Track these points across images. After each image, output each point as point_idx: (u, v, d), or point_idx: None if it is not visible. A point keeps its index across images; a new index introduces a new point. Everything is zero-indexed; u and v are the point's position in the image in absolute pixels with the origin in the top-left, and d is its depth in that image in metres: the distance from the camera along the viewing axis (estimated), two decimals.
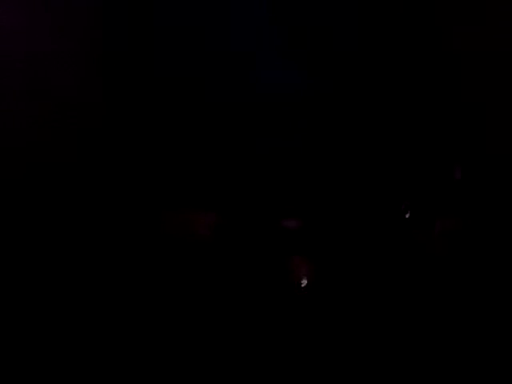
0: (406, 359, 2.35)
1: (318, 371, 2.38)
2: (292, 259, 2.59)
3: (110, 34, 2.76)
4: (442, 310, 2.42)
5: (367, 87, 2.68)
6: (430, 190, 2.59)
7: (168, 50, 2.76)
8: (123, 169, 2.76)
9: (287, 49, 2.70)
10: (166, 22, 2.76)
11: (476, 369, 2.27)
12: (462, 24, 2.64)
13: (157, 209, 2.71)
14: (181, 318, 2.53)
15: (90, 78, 2.76)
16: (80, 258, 2.62)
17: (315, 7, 2.68)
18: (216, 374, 2.41)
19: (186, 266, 2.61)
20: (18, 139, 2.69)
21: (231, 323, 2.49)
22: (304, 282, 2.54)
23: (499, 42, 2.59)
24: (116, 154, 2.76)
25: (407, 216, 2.56)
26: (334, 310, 2.48)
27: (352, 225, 2.62)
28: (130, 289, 2.59)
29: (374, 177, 2.65)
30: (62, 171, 2.73)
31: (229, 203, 2.71)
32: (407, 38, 2.67)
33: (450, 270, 2.46)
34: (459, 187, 2.55)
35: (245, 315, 2.51)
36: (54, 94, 2.72)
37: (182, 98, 2.78)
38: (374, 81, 2.68)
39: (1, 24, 2.63)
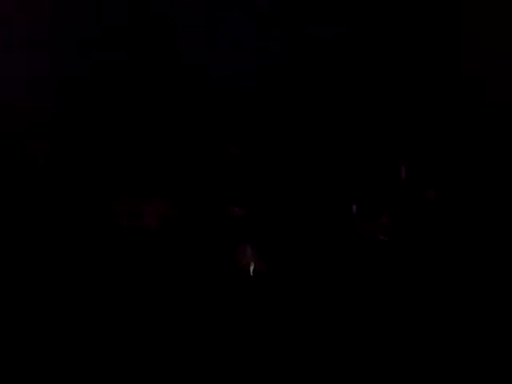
0: (344, 345, 2.43)
1: (263, 362, 2.44)
2: (239, 247, 2.64)
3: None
4: (385, 301, 2.51)
5: (313, 87, 2.76)
6: (375, 186, 2.68)
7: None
8: (72, 157, 2.76)
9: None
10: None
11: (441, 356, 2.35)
12: None
13: (105, 198, 2.71)
14: (130, 306, 2.54)
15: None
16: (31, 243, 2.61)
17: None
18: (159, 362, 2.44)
19: (135, 255, 2.62)
20: None
21: (179, 311, 2.53)
22: (251, 269, 2.59)
23: None
24: (63, 143, 2.76)
25: (354, 210, 2.65)
26: (281, 297, 2.54)
27: (299, 215, 2.68)
28: (80, 279, 2.59)
29: (322, 169, 2.73)
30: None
31: (176, 192, 2.73)
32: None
33: (393, 263, 2.55)
34: (404, 185, 2.65)
35: (192, 303, 2.54)
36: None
37: (131, 86, 2.79)
38: (320, 80, 2.76)
39: None
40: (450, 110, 2.70)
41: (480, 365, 2.31)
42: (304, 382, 2.38)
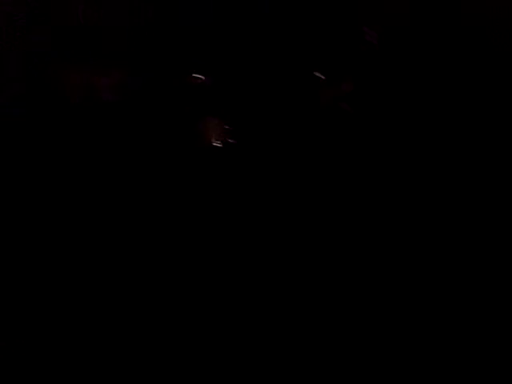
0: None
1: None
2: (204, 120, 2.58)
3: None
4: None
5: None
6: (340, 49, 2.61)
7: None
8: None
9: None
10: None
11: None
12: None
13: (56, 68, 2.49)
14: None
15: None
16: None
17: None
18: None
19: (88, 134, 2.51)
20: None
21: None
22: (217, 143, 2.58)
23: None
24: None
25: (316, 74, 2.61)
26: (248, 175, 2.58)
27: (263, 82, 2.62)
28: None
29: (287, 37, 2.60)
30: None
31: (133, 61, 2.55)
32: None
33: (354, 136, 2.60)
34: (371, 50, 2.59)
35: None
36: None
37: None
38: None
39: None
40: None
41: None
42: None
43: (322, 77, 2.59)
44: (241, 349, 2.37)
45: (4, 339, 2.30)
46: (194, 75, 2.57)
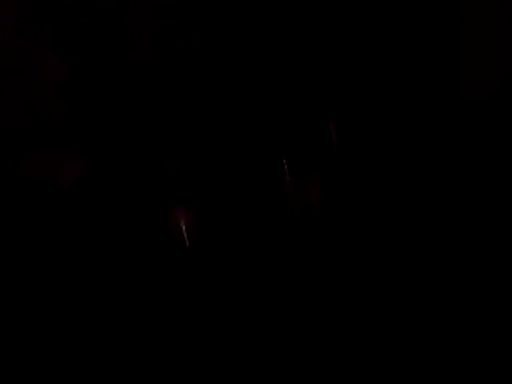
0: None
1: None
2: (173, 208, 2.55)
3: None
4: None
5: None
6: (307, 142, 2.67)
7: None
8: None
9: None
10: None
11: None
12: None
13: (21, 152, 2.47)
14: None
15: None
16: None
17: None
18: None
19: (49, 219, 2.45)
20: None
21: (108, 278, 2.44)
22: (184, 231, 2.53)
23: None
24: None
25: (285, 166, 2.64)
26: (217, 259, 2.53)
27: (231, 169, 2.63)
28: None
29: (254, 125, 2.66)
30: None
31: (100, 147, 2.54)
32: None
33: (323, 221, 2.60)
34: (334, 141, 2.66)
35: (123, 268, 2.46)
36: None
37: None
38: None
39: None
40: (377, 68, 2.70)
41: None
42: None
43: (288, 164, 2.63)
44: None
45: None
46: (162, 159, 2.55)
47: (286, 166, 2.64)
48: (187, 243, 2.53)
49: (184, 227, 2.52)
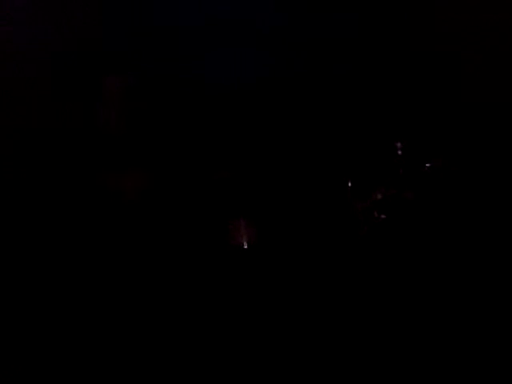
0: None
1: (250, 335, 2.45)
2: (232, 221, 2.55)
3: None
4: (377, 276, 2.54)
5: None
6: (370, 163, 2.63)
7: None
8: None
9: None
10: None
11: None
12: None
13: (90, 169, 2.51)
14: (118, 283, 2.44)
15: None
16: None
17: None
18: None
19: (116, 234, 2.48)
20: None
21: (169, 288, 2.45)
22: (245, 245, 2.53)
23: None
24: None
25: (349, 185, 2.60)
26: (276, 273, 2.52)
27: (294, 190, 2.61)
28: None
29: (317, 145, 2.64)
30: None
31: (160, 163, 2.57)
32: None
33: (389, 240, 2.57)
34: (399, 163, 2.61)
35: (184, 280, 2.47)
36: None
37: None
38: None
39: None
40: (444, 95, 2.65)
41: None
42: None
43: (352, 186, 2.60)
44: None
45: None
46: (220, 173, 2.56)
47: (349, 186, 2.61)
48: (246, 258, 2.52)
49: (244, 242, 2.52)
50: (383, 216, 2.57)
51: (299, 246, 2.56)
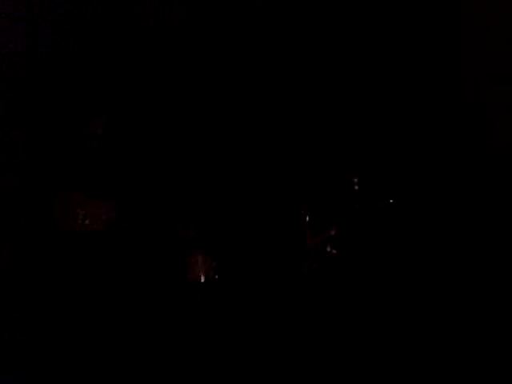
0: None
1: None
2: (191, 255, 2.68)
3: None
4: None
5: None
6: (324, 198, 2.70)
7: None
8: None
9: None
10: None
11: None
12: None
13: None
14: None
15: None
16: None
17: None
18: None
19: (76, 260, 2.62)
20: None
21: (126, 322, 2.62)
22: (202, 278, 2.67)
23: None
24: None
25: (306, 219, 2.69)
26: (233, 307, 2.66)
27: (250, 224, 2.71)
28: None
29: (274, 181, 2.71)
30: None
31: (129, 194, 2.68)
32: None
33: (340, 275, 2.67)
34: (354, 198, 2.67)
35: (141, 312, 2.63)
36: None
37: None
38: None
39: None
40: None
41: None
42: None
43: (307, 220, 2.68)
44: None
45: None
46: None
47: (306, 218, 2.70)
48: (205, 290, 2.67)
49: (202, 275, 2.66)
50: (334, 251, 2.66)
51: (254, 278, 2.69)
